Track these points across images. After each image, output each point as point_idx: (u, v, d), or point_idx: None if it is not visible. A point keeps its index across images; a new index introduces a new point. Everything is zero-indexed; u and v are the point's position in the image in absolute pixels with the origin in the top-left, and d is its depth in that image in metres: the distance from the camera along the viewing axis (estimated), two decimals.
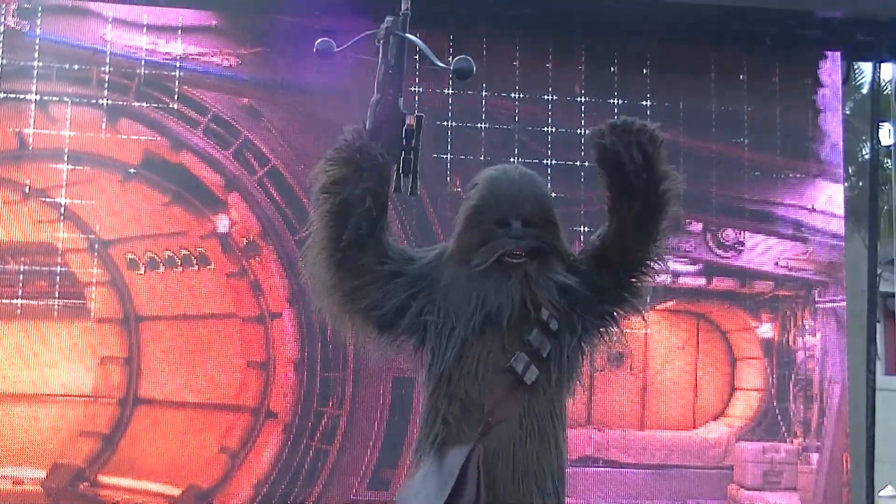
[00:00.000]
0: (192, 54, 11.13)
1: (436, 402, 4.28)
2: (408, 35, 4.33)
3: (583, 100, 11.51)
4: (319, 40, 4.49)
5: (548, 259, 4.35)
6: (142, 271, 10.81)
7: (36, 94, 10.84)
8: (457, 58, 4.33)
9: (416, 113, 4.39)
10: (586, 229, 10.97)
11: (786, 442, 11.41)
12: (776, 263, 11.64)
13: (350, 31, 9.98)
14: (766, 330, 11.56)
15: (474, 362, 4.24)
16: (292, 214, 10.93)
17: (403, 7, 4.36)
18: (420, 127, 4.36)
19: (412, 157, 4.34)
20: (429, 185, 10.60)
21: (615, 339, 4.57)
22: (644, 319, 4.59)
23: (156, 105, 11.01)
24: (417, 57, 4.55)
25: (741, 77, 11.76)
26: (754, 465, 11.29)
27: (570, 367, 4.36)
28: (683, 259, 11.46)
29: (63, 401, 10.56)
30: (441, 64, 4.36)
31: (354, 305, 4.39)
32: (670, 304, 11.47)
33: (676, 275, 11.42)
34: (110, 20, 11.04)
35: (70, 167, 10.79)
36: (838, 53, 12.00)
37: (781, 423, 11.43)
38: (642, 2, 10.98)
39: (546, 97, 11.44)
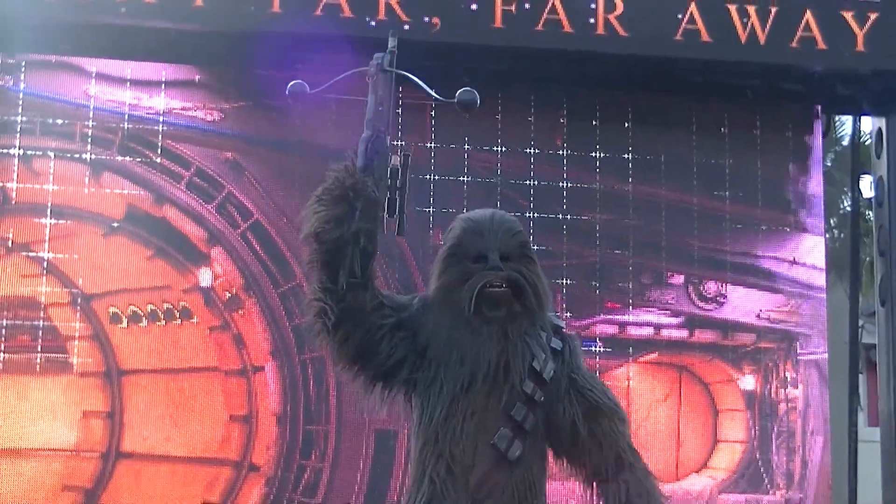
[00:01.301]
0: (175, 109, 11.16)
1: (424, 460, 4.28)
2: (402, 71, 4.33)
3: (565, 153, 11.55)
4: (292, 82, 4.45)
5: (529, 315, 4.33)
6: (125, 325, 10.80)
7: (19, 149, 10.88)
8: (461, 90, 4.30)
9: (402, 151, 4.35)
10: (568, 282, 11.21)
11: (769, 494, 11.39)
12: (758, 316, 11.63)
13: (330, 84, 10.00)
14: (749, 382, 11.55)
15: (459, 423, 4.23)
16: (275, 268, 11.00)
17: (390, 44, 4.36)
18: (407, 165, 4.32)
19: (398, 197, 4.29)
20: (411, 239, 10.65)
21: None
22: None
23: (139, 159, 11.04)
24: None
25: (722, 130, 11.80)
26: None
27: (554, 435, 4.37)
28: (665, 311, 11.51)
29: (46, 455, 10.52)
30: (439, 97, 4.33)
31: (359, 361, 4.33)
32: (652, 356, 11.50)
33: (658, 327, 11.48)
34: (94, 75, 11.08)
35: (53, 221, 10.82)
36: (818, 107, 12.05)
37: (764, 474, 11.40)
38: (624, 55, 10.97)
39: (528, 150, 11.49)
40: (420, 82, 4.38)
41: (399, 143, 10.87)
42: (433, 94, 4.35)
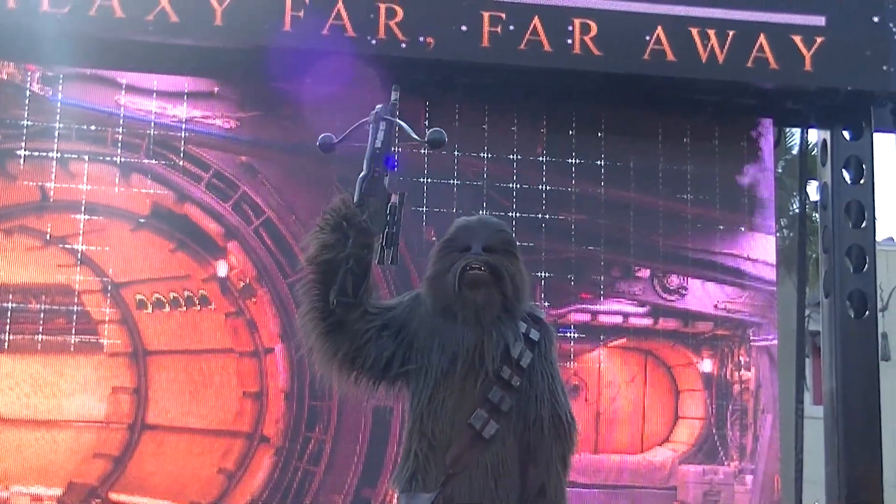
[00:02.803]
0: (196, 117, 11.46)
1: (410, 438, 4.50)
2: (399, 121, 4.55)
3: (544, 160, 11.82)
4: (321, 136, 4.68)
5: (505, 303, 4.51)
6: (150, 310, 11.10)
7: (57, 152, 11.14)
8: (431, 129, 4.54)
9: (399, 191, 4.54)
10: (547, 275, 11.42)
11: (724, 465, 11.70)
12: (715, 306, 11.94)
13: (335, 96, 10.58)
14: (707, 365, 11.83)
15: (440, 404, 4.43)
16: (284, 260, 11.20)
17: (393, 97, 4.63)
18: (402, 203, 4.52)
19: (394, 230, 4.48)
20: (406, 236, 10.09)
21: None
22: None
23: (163, 162, 11.30)
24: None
25: (685, 140, 12.09)
26: (696, 486, 11.60)
27: (528, 417, 4.49)
28: (633, 301, 11.81)
29: (78, 426, 10.85)
30: (417, 137, 4.53)
31: (355, 367, 4.53)
32: (621, 341, 11.81)
33: (626, 316, 11.78)
34: (123, 86, 11.36)
35: (86, 217, 11.09)
36: (770, 120, 12.35)
37: (720, 448, 11.72)
38: (597, 72, 11.25)
39: (511, 157, 11.77)
40: (408, 128, 4.52)
41: (396, 149, 11.51)
42: (415, 136, 4.53)
